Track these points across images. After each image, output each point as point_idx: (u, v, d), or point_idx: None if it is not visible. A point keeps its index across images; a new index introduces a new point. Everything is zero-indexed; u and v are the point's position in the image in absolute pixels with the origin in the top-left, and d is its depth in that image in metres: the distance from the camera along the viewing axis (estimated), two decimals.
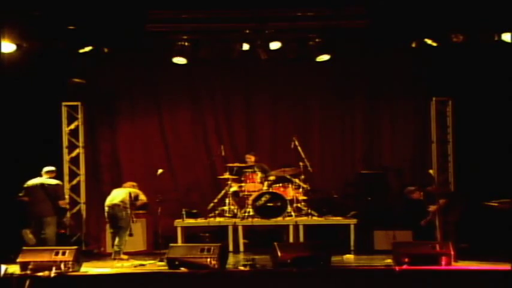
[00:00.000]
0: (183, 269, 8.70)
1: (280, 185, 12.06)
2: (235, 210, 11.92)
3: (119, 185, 12.19)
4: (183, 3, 10.61)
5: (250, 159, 12.44)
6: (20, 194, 10.82)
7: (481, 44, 11.15)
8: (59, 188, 10.90)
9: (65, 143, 12.64)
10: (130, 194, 10.89)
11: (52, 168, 10.98)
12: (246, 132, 13.34)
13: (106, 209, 10.86)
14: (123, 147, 13.15)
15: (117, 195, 10.89)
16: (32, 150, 11.68)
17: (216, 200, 12.19)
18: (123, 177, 12.82)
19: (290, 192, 11.89)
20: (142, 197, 11.01)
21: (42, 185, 10.79)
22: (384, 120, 13.20)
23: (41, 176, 10.92)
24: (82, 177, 12.67)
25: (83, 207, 12.61)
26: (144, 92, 13.17)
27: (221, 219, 11.79)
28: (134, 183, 11.27)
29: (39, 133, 12.04)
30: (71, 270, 8.79)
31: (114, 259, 10.52)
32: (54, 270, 8.61)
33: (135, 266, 9.65)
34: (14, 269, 8.79)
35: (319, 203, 12.29)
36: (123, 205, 10.76)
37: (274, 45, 11.72)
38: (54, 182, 10.87)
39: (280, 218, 11.63)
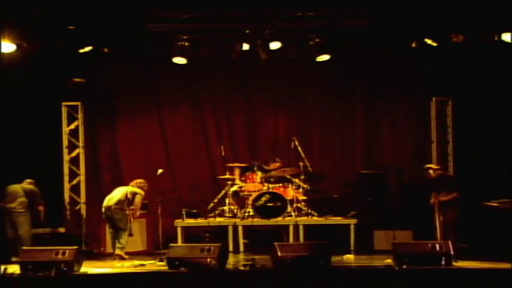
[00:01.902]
0: (183, 269, 8.69)
1: (280, 185, 12.06)
2: (235, 210, 11.92)
3: (119, 184, 12.22)
4: (183, 3, 10.61)
5: (275, 165, 12.35)
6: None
7: (481, 44, 11.15)
8: (36, 193, 10.88)
9: (65, 143, 12.65)
10: (126, 194, 10.85)
11: (31, 180, 10.99)
12: (246, 132, 13.33)
13: (103, 210, 10.86)
14: (123, 147, 13.14)
15: (114, 196, 10.86)
16: (32, 150, 11.68)
17: (216, 200, 12.18)
18: (123, 177, 12.82)
19: (290, 192, 11.88)
20: (138, 199, 10.92)
21: (21, 188, 10.83)
22: (384, 120, 13.19)
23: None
24: (82, 177, 12.67)
25: (83, 207, 12.61)
26: (144, 92, 13.16)
27: (221, 219, 11.78)
28: (140, 181, 11.14)
29: (39, 133, 12.03)
30: (71, 270, 8.79)
31: (117, 255, 10.50)
32: (54, 270, 8.61)
33: (135, 266, 9.65)
34: (14, 269, 8.79)
35: (319, 203, 12.29)
36: (119, 207, 10.74)
37: (274, 45, 11.72)
38: (32, 187, 10.90)
39: (280, 218, 11.63)
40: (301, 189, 12.05)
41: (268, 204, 11.64)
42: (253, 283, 8.52)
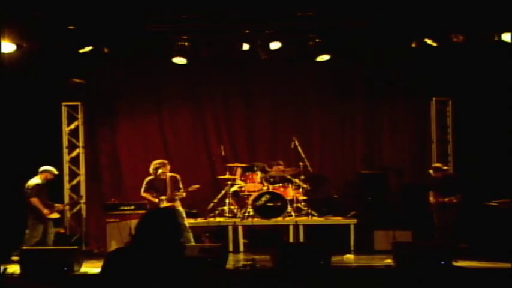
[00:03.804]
0: None
1: (280, 185, 12.06)
2: (235, 210, 11.92)
3: (119, 184, 12.28)
4: (183, 3, 10.60)
5: (279, 168, 12.32)
6: None
7: (481, 44, 11.14)
8: (31, 188, 10.47)
9: (65, 143, 12.64)
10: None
11: (42, 168, 10.64)
12: (246, 132, 13.33)
13: None
14: (123, 147, 13.14)
15: None
16: (32, 150, 11.67)
17: (216, 200, 12.19)
18: (123, 177, 12.88)
19: (290, 192, 11.89)
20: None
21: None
22: (384, 120, 13.19)
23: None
24: (82, 177, 12.67)
25: (83, 207, 12.60)
26: (144, 92, 13.15)
27: (221, 219, 11.79)
28: (161, 162, 10.98)
29: (39, 133, 12.03)
30: (71, 270, 8.79)
31: None
32: (54, 270, 8.62)
33: None
34: (14, 269, 8.79)
35: (319, 203, 12.29)
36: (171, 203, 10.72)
37: (274, 45, 11.71)
38: (31, 184, 10.52)
39: (280, 218, 11.63)
40: (301, 189, 12.06)
41: (268, 204, 11.65)
42: (253, 283, 8.52)
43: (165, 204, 10.71)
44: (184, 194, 11.00)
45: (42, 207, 10.48)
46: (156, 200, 10.79)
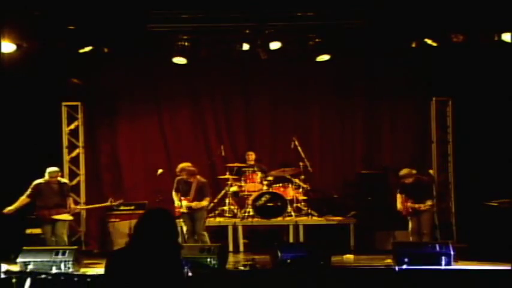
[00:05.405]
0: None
1: (280, 185, 12.06)
2: (235, 210, 11.92)
3: (119, 184, 12.24)
4: (183, 3, 10.60)
5: (252, 156, 12.41)
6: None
7: (481, 44, 11.14)
8: (30, 187, 10.23)
9: (65, 143, 12.63)
10: None
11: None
12: (246, 132, 13.33)
13: None
14: (123, 147, 13.14)
15: None
16: (32, 150, 11.67)
17: (216, 200, 12.19)
18: (123, 177, 12.87)
19: (290, 192, 11.89)
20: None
21: None
22: (384, 120, 13.19)
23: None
24: (82, 177, 12.66)
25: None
26: (144, 92, 13.15)
27: (221, 219, 11.79)
28: (182, 167, 10.62)
29: (39, 133, 12.03)
30: (71, 270, 8.79)
31: None
32: (54, 270, 8.62)
33: None
34: (14, 269, 8.77)
35: (319, 203, 12.29)
36: None
37: (274, 45, 11.71)
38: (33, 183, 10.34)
39: (280, 218, 11.64)
40: (301, 189, 12.06)
41: (268, 204, 11.65)
42: (253, 283, 8.52)
43: (184, 209, 10.37)
44: (209, 203, 10.87)
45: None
46: (178, 203, 10.48)
